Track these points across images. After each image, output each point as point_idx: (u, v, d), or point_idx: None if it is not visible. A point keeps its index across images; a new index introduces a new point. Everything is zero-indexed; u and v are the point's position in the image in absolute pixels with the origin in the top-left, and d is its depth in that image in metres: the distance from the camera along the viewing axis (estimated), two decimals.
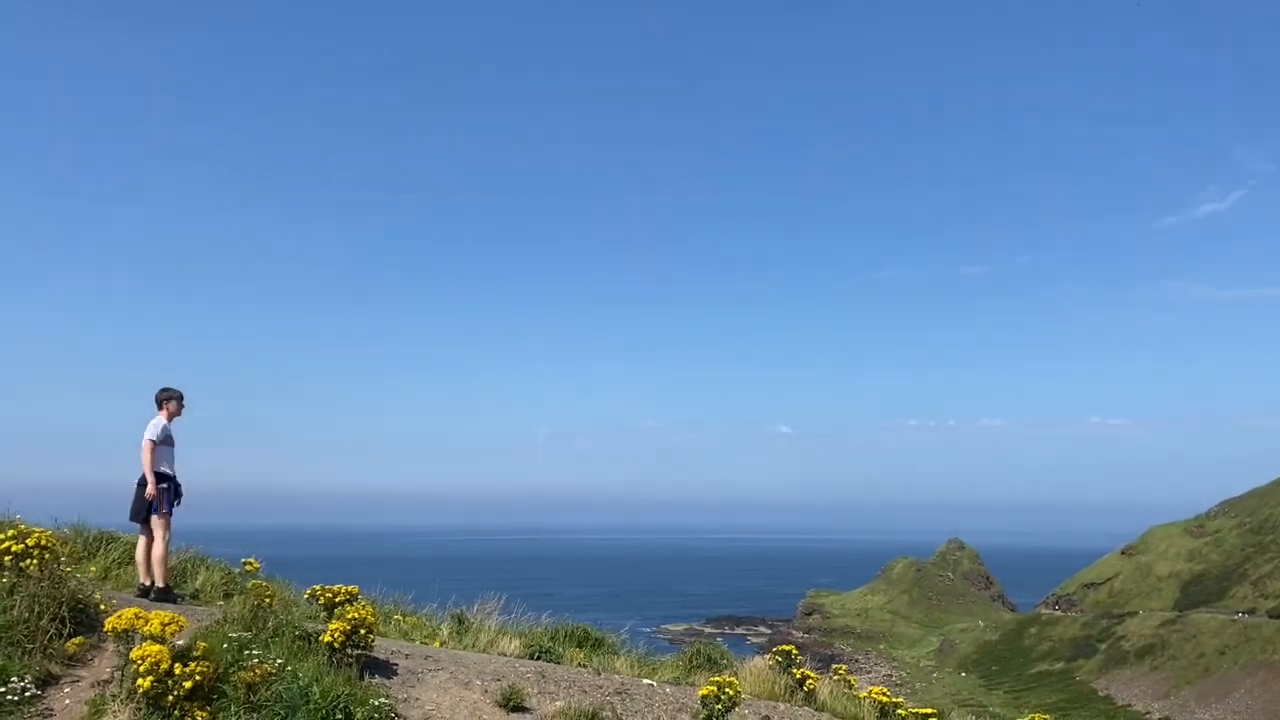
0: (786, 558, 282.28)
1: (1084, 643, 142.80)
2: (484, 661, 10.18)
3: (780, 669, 13.62)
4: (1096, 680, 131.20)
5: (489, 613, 13.25)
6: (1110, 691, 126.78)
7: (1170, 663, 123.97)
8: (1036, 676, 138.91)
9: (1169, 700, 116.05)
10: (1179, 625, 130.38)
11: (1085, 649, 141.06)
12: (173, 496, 10.43)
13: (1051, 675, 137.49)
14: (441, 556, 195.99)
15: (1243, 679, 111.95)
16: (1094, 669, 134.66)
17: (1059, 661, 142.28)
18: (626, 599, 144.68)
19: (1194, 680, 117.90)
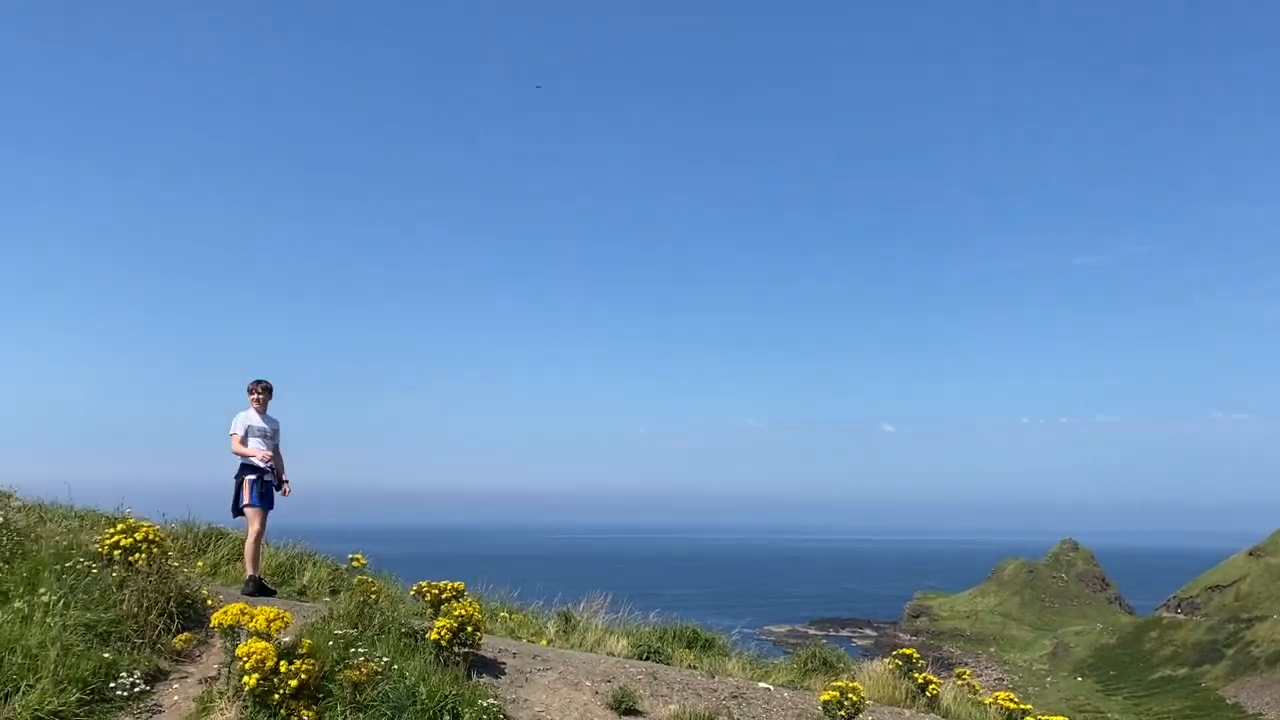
0: (891, 559, 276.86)
1: (1209, 648, 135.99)
2: (593, 661, 9.80)
3: (900, 673, 12.93)
4: (1224, 687, 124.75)
5: (595, 611, 12.90)
6: (1239, 699, 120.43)
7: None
8: (1158, 682, 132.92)
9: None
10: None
11: (1211, 654, 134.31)
12: (259, 489, 10.04)
13: (1174, 681, 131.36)
14: (541, 554, 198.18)
15: None
16: (1221, 676, 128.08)
17: (1182, 667, 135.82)
18: (728, 600, 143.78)
19: None
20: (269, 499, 10.11)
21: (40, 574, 7.90)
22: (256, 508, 9.95)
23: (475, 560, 24.01)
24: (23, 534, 8.77)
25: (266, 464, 10.02)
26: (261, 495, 10.03)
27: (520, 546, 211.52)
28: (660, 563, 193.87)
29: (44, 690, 6.66)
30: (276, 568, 12.02)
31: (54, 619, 7.26)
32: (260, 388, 10.14)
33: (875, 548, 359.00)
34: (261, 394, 10.17)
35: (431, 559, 23.64)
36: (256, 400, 10.15)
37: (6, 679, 6.63)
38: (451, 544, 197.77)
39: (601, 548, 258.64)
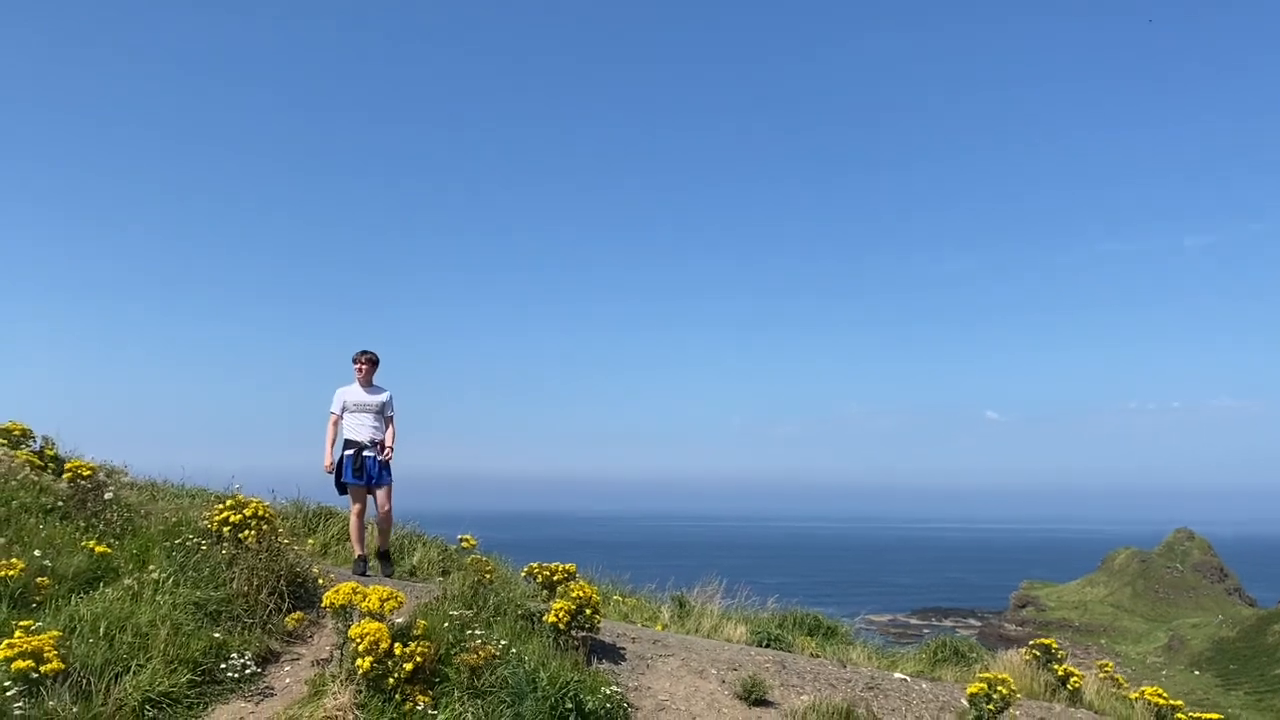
0: (995, 548, 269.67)
1: None
2: (716, 648, 9.22)
3: (1039, 664, 12.03)
4: None
5: (710, 596, 12.31)
6: None
7: None
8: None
9: None
10: None
11: None
12: (354, 464, 9.49)
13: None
14: (640, 541, 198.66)
15: None
16: None
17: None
18: (827, 588, 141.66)
19: None
20: (364, 474, 9.53)
21: (150, 550, 7.67)
22: (352, 484, 9.51)
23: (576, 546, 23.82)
24: (132, 510, 8.60)
25: (367, 443, 9.53)
26: (355, 471, 9.50)
27: (618, 533, 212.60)
28: (759, 550, 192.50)
29: (154, 670, 6.38)
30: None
31: (164, 597, 7.00)
32: (364, 359, 9.61)
33: (979, 536, 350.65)
34: (365, 365, 9.63)
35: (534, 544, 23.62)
36: (359, 371, 9.66)
37: (117, 658, 6.36)
38: (551, 529, 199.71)
39: (700, 535, 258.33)
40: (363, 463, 9.51)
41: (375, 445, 9.54)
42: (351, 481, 9.47)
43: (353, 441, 9.49)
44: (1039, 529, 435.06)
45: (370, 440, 9.52)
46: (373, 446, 9.53)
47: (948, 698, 8.89)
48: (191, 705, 6.45)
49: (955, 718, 8.40)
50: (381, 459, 9.56)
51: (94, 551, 7.41)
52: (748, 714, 7.82)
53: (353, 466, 9.48)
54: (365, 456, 9.50)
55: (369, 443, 9.50)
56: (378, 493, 9.61)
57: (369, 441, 9.51)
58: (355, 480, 9.47)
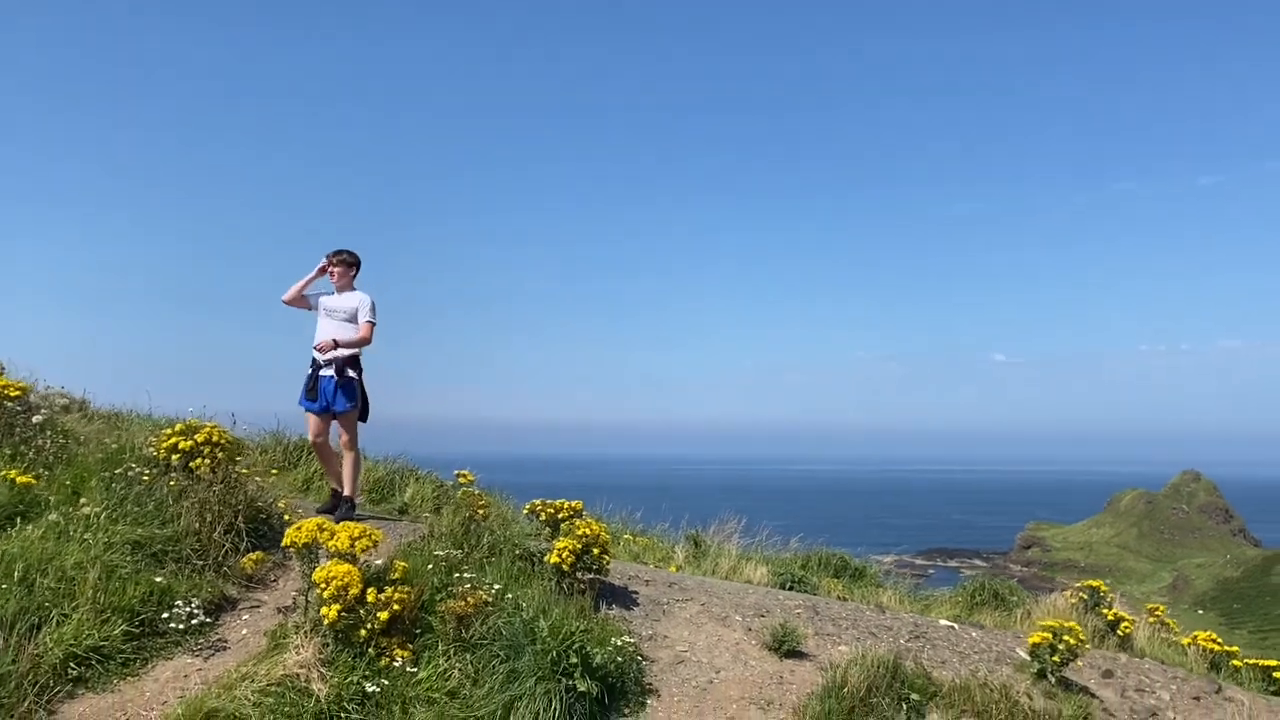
0: (1001, 490, 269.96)
1: None
2: (739, 592, 8.21)
3: (1085, 608, 11.06)
4: None
5: (728, 535, 11.30)
6: None
7: None
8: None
9: None
10: None
11: None
12: (306, 384, 7.98)
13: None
14: (650, 484, 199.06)
15: None
16: None
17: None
18: (833, 531, 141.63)
19: None
20: (318, 397, 7.87)
21: (85, 482, 6.61)
22: (304, 408, 8.00)
23: (585, 489, 23.68)
24: (69, 436, 7.54)
25: (324, 359, 7.89)
26: (309, 391, 7.92)
27: (627, 476, 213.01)
28: (766, 493, 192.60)
29: (81, 621, 5.35)
30: (375, 483, 10.73)
31: (97, 535, 5.95)
32: (335, 259, 8.01)
33: (985, 478, 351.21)
34: (337, 266, 8.04)
35: (542, 487, 23.26)
36: (332, 276, 8.08)
37: (36, 606, 5.33)
38: (561, 473, 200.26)
39: (708, 478, 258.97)
40: (318, 383, 7.88)
41: (334, 363, 7.94)
42: (304, 405, 7.97)
43: (314, 358, 8.00)
44: (1045, 471, 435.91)
45: (332, 358, 7.90)
46: (332, 365, 7.87)
47: (1001, 647, 7.89)
48: (127, 662, 5.44)
49: (1013, 670, 7.39)
50: (324, 357, 7.87)
51: (15, 483, 6.34)
52: (778, 667, 6.82)
53: (306, 386, 7.93)
54: (321, 376, 7.88)
55: (328, 360, 7.91)
56: (340, 422, 8.00)
57: (329, 359, 7.92)
58: (308, 404, 7.94)
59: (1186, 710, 7.44)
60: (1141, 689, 7.62)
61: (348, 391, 7.88)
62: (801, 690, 6.55)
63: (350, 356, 7.91)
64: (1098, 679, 7.65)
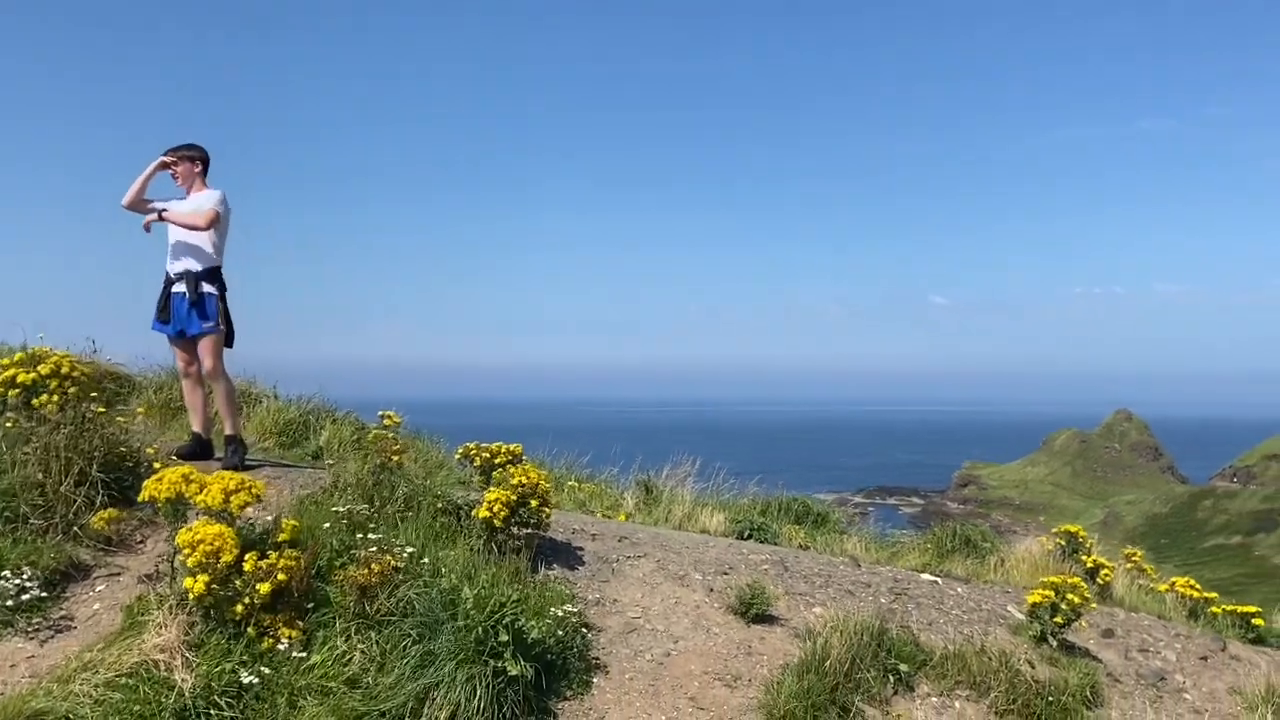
0: (940, 429, 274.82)
1: (1264, 517, 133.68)
2: (698, 545, 7.23)
3: (1063, 554, 10.34)
4: (1278, 555, 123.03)
5: (681, 480, 10.31)
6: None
7: None
8: (1210, 551, 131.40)
9: None
10: None
11: (1266, 523, 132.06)
12: (158, 304, 6.66)
13: (1227, 550, 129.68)
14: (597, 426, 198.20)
15: None
16: (1275, 544, 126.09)
17: (1235, 535, 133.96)
18: (775, 470, 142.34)
19: None
20: (169, 317, 6.57)
21: None
22: (157, 331, 6.69)
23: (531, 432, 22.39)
24: None
25: (175, 274, 6.55)
26: (160, 312, 6.64)
27: (575, 419, 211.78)
28: (713, 434, 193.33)
29: None
30: (286, 425, 9.53)
31: None
32: (176, 154, 6.57)
33: (924, 418, 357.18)
34: (178, 163, 6.61)
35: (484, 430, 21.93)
36: (173, 174, 6.65)
37: None
38: (505, 415, 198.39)
39: (654, 420, 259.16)
40: (169, 301, 6.55)
41: (186, 277, 6.50)
42: (156, 328, 6.64)
43: (167, 273, 6.59)
44: (982, 411, 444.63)
45: (184, 271, 6.53)
46: (184, 279, 6.51)
47: (992, 605, 7.04)
48: None
49: (1008, 632, 6.55)
50: (174, 270, 6.53)
51: None
52: (746, 634, 5.87)
53: (157, 306, 6.59)
54: (173, 294, 6.54)
55: (178, 274, 6.54)
56: (198, 347, 6.60)
57: (180, 273, 6.54)
58: (159, 326, 6.63)
59: (1195, 672, 6.68)
60: (1145, 649, 6.84)
61: (203, 310, 6.52)
62: (773, 661, 5.62)
63: (206, 270, 6.57)
64: (1097, 639, 6.85)
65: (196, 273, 6.55)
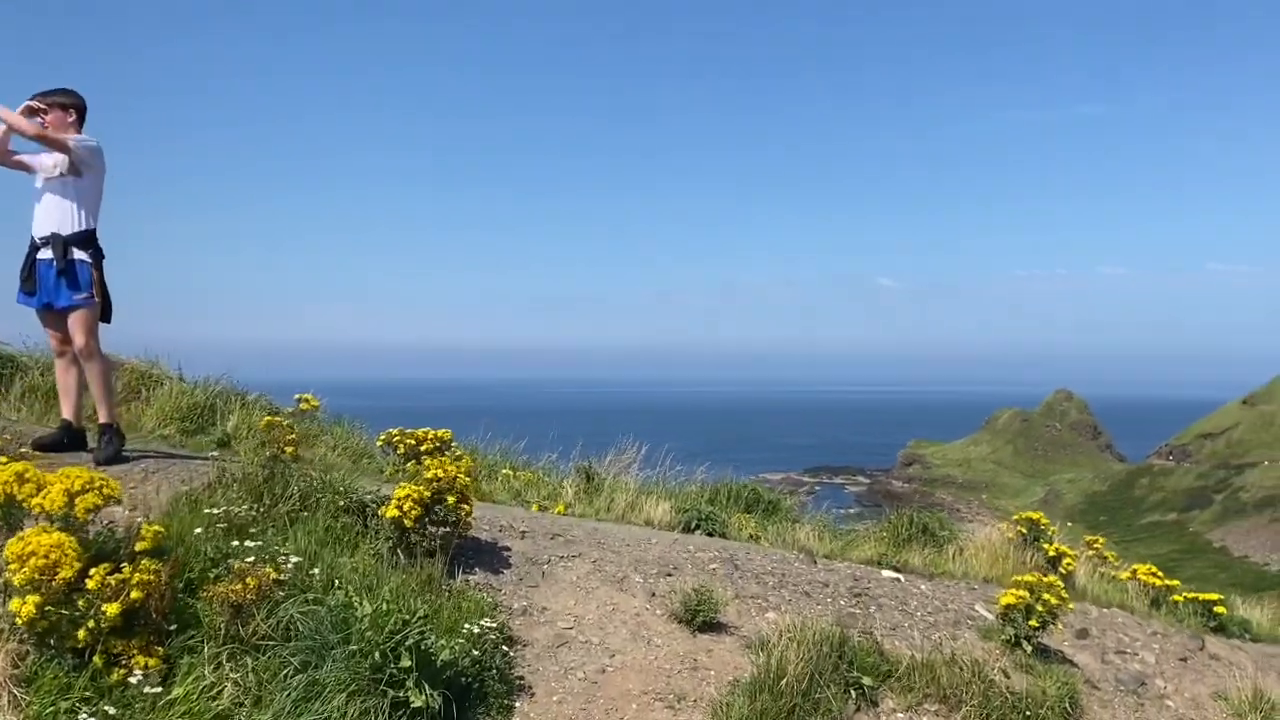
0: (886, 409, 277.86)
1: (1199, 494, 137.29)
2: (639, 542, 6.57)
3: (1024, 542, 9.89)
4: (1211, 532, 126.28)
5: (625, 466, 9.63)
6: (1226, 543, 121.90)
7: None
8: (1147, 527, 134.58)
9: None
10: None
11: (1200, 500, 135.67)
12: (19, 277, 5.81)
13: (1163, 526, 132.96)
14: (542, 409, 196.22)
15: None
16: (1209, 520, 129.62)
17: (1171, 512, 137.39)
18: (726, 449, 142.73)
19: None
20: (34, 288, 5.76)
21: None
22: (22, 304, 5.85)
23: (466, 415, 21.67)
24: None
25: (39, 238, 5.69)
26: (24, 282, 5.79)
27: (519, 400, 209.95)
28: (661, 415, 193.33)
29: None
30: (189, 410, 8.67)
31: None
32: (45, 99, 5.67)
33: (870, 398, 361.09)
34: (48, 109, 5.67)
35: (423, 413, 21.08)
36: (41, 120, 5.66)
37: None
38: (446, 398, 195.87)
39: (602, 400, 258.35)
40: (34, 270, 5.72)
41: (53, 242, 5.62)
42: (21, 301, 5.76)
43: (32, 238, 5.70)
44: (928, 391, 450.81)
45: (50, 235, 5.65)
46: (50, 244, 5.64)
47: (959, 605, 6.48)
48: None
49: (979, 636, 5.99)
50: (39, 234, 5.71)
51: None
52: (691, 645, 5.22)
53: (20, 276, 5.76)
54: (39, 261, 5.70)
55: (44, 239, 5.67)
56: (68, 321, 5.73)
57: (46, 237, 5.67)
58: (25, 299, 5.76)
59: (1175, 675, 6.19)
60: (1122, 650, 6.33)
61: (73, 279, 5.64)
62: (722, 677, 4.98)
63: (77, 235, 5.67)
64: (1072, 640, 6.33)
65: (65, 237, 5.68)
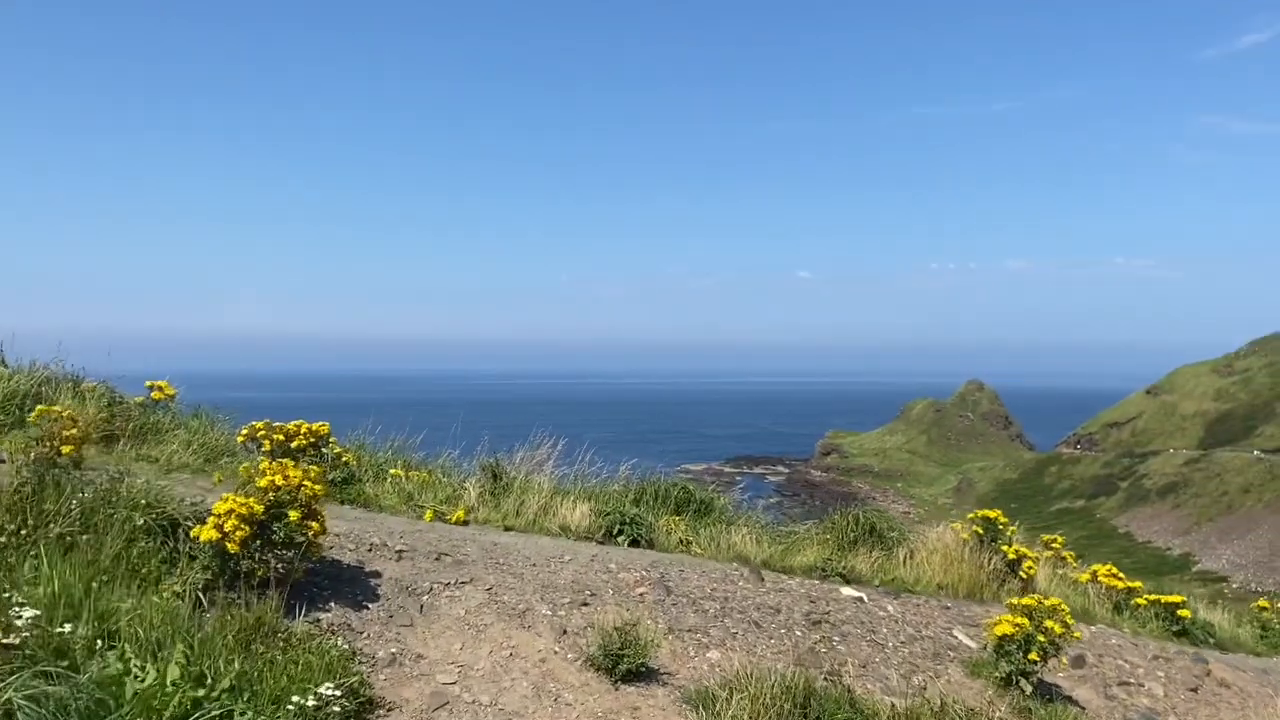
0: (804, 400, 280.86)
1: (1105, 481, 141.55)
2: (549, 558, 5.32)
3: (981, 543, 8.92)
4: (1117, 518, 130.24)
5: (539, 464, 8.34)
6: (1131, 528, 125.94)
7: (1193, 500, 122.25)
8: (1056, 514, 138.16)
9: (1190, 537, 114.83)
10: (1203, 464, 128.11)
11: (1106, 487, 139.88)
12: None
13: (1071, 513, 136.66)
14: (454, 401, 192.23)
15: (1266, 516, 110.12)
16: (1115, 507, 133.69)
17: (1079, 500, 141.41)
18: (647, 440, 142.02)
19: (1216, 517, 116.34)
20: None
21: None
22: None
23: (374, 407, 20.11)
24: None
25: None
26: None
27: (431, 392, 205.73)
28: (579, 407, 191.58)
29: None
30: (6, 399, 7.19)
31: None
32: None
33: (789, 389, 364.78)
34: None
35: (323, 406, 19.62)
36: None
37: None
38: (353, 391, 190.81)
39: (522, 393, 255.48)
40: None
41: None
42: None
43: None
44: (844, 382, 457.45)
45: None
46: None
47: (934, 631, 5.39)
48: None
49: (965, 671, 4.89)
50: None
51: None
52: (614, 703, 3.99)
53: None
54: None
55: None
56: None
57: None
58: None
59: (1188, 710, 5.22)
60: (1126, 681, 5.33)
61: None
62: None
63: None
64: (1068, 671, 5.28)
65: None
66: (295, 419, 7.76)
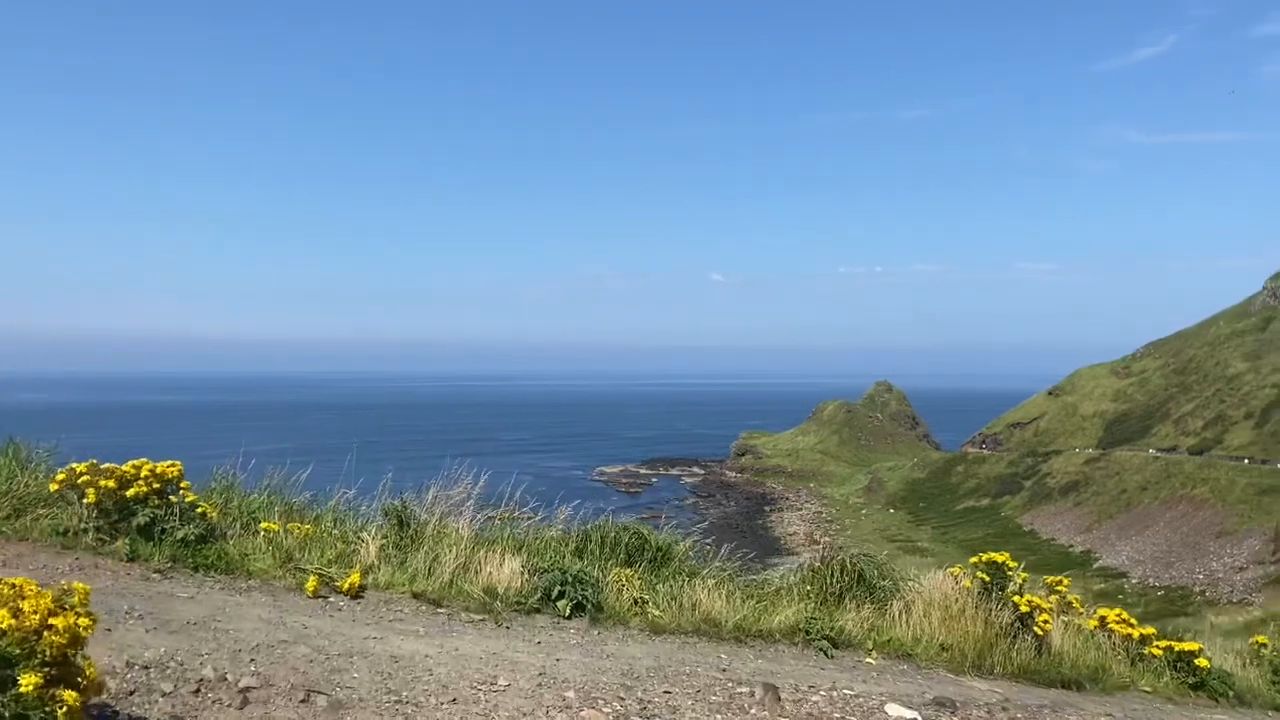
0: (719, 401, 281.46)
1: (1009, 480, 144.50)
2: (475, 686, 3.61)
3: (985, 591, 7.53)
4: (1021, 516, 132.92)
5: (456, 504, 6.64)
6: (1034, 526, 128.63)
7: (1093, 498, 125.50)
8: (963, 513, 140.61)
9: (1091, 534, 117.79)
10: (1102, 463, 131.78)
11: (1010, 486, 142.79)
12: None
13: (977, 511, 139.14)
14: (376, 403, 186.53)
15: (1163, 513, 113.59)
16: (1019, 505, 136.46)
17: (985, 498, 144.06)
18: (563, 443, 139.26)
19: (1116, 514, 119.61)
20: None
21: None
22: None
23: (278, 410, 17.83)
24: None
25: None
26: None
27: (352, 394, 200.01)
28: (495, 409, 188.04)
29: None
30: None
31: None
32: None
33: (704, 391, 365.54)
34: None
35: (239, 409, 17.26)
36: None
37: None
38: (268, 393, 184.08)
39: (436, 395, 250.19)
40: None
41: None
42: None
43: None
44: (757, 384, 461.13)
45: None
46: None
47: None
48: None
49: None
50: None
51: None
52: None
53: None
54: None
55: None
56: None
57: None
58: None
59: None
60: None
61: None
62: None
63: None
64: None
65: None
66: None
